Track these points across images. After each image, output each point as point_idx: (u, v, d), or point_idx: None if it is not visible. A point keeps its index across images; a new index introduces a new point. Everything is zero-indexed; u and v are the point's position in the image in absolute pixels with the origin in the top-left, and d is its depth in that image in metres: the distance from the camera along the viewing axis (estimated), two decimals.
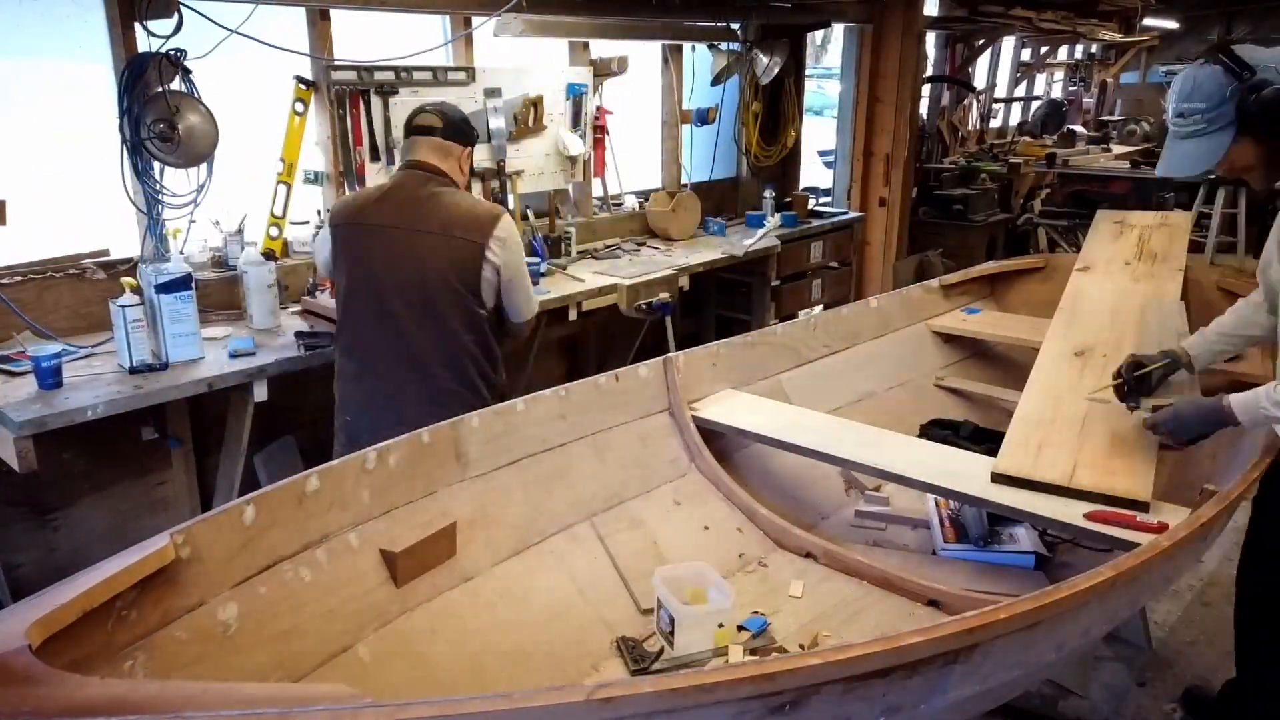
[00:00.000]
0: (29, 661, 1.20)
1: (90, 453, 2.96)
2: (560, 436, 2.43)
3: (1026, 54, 9.08)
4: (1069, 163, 7.71)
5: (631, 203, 4.81)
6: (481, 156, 3.83)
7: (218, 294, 3.16)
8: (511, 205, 3.92)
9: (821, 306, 5.25)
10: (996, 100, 8.84)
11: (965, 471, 2.31)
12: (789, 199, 5.31)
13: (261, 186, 3.31)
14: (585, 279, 3.79)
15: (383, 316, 2.44)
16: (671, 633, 1.99)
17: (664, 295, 3.89)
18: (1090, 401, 2.59)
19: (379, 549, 1.96)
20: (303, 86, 3.28)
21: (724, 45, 4.90)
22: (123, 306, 2.54)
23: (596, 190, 4.60)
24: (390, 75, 3.46)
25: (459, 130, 2.56)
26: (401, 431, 2.08)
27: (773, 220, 4.94)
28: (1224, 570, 3.25)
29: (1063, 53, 9.66)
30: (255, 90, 3.33)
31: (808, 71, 5.94)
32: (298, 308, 3.21)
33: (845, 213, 5.66)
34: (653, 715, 1.16)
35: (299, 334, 2.87)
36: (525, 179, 4.01)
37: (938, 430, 3.10)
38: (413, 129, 2.53)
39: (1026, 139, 8.65)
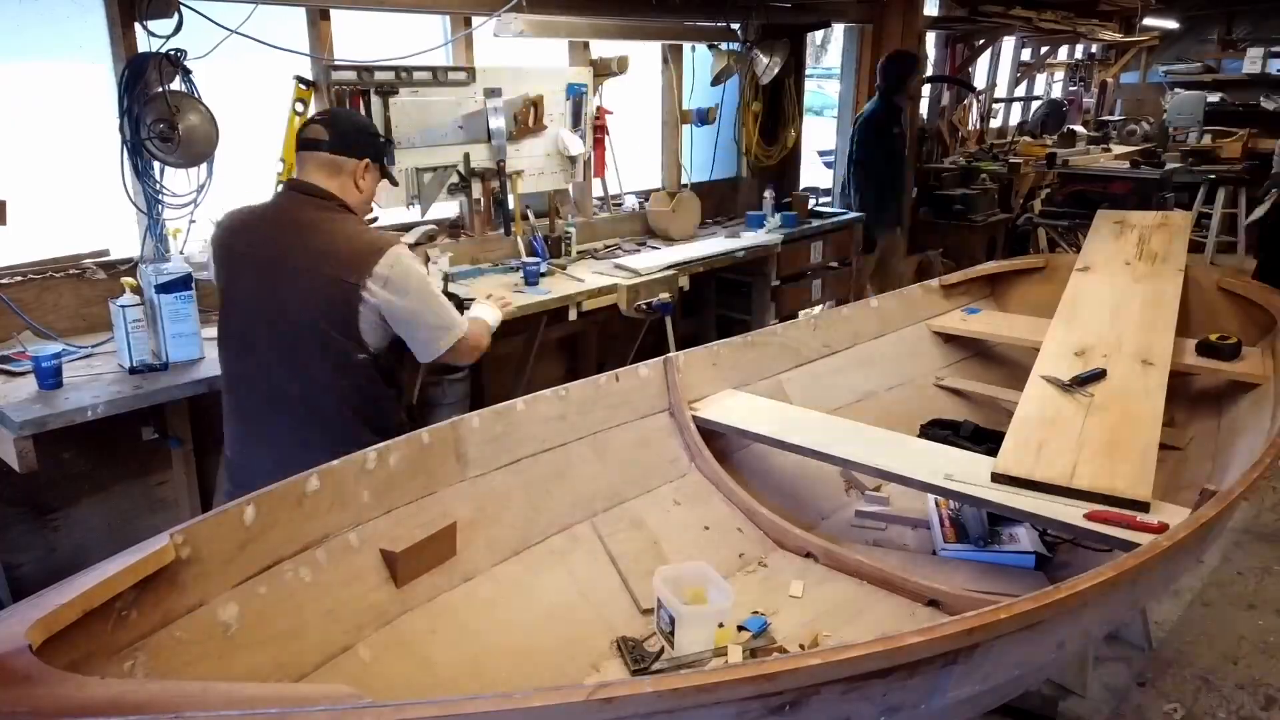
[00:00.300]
0: (29, 661, 1.20)
1: (90, 453, 2.96)
2: (560, 436, 2.43)
3: (1026, 54, 9.07)
4: (1069, 163, 7.71)
5: (631, 203, 4.81)
6: (482, 156, 3.83)
7: (218, 294, 3.15)
8: (511, 205, 3.93)
9: (822, 306, 5.25)
10: (996, 100, 8.84)
11: (965, 471, 2.31)
12: (789, 199, 5.30)
13: (262, 186, 3.31)
14: (585, 279, 3.79)
15: (244, 354, 2.24)
16: (672, 633, 1.99)
17: (664, 295, 3.88)
18: (1080, 399, 2.59)
19: (379, 549, 1.96)
20: (303, 86, 3.28)
21: (724, 45, 4.90)
22: (123, 306, 2.54)
23: (596, 190, 4.60)
24: (390, 75, 3.46)
25: (351, 141, 2.19)
26: (280, 476, 1.85)
27: (773, 220, 4.94)
28: (1224, 570, 3.26)
29: (1063, 53, 9.65)
30: (255, 90, 3.33)
31: (808, 71, 5.94)
32: None
33: (845, 213, 5.65)
34: (653, 715, 1.16)
35: None
36: (525, 179, 4.01)
37: (938, 430, 3.11)
38: (299, 143, 2.21)
39: (1026, 139, 8.65)
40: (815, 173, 7.08)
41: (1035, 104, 9.36)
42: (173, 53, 2.85)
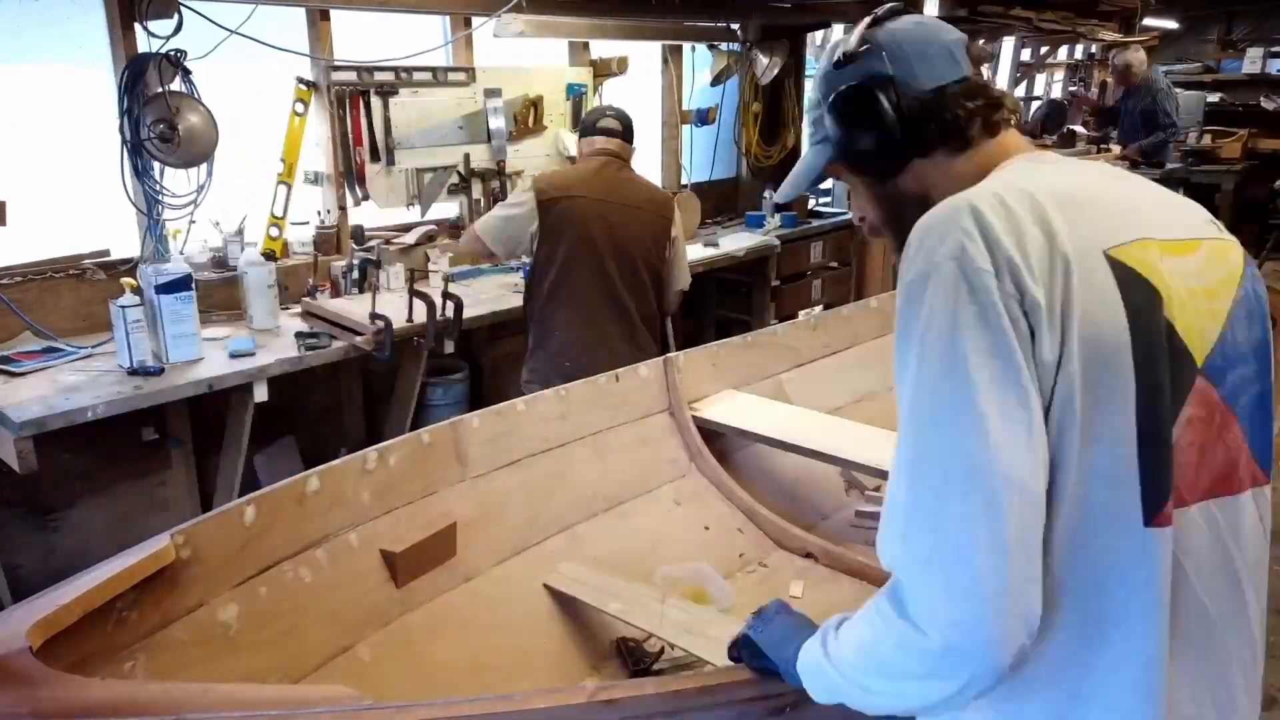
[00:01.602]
0: (30, 663, 1.20)
1: (90, 453, 2.96)
2: (560, 437, 2.43)
3: (1026, 54, 9.07)
4: None
5: None
6: (482, 157, 3.83)
7: (218, 294, 3.16)
8: None
9: (822, 307, 5.25)
10: None
11: None
12: None
13: (262, 187, 3.31)
14: None
15: (602, 275, 2.86)
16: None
17: None
18: None
19: (379, 549, 1.95)
20: (303, 87, 3.28)
21: (724, 45, 4.90)
22: (123, 307, 2.54)
23: None
24: (390, 76, 3.46)
25: (632, 134, 3.04)
26: (611, 366, 2.56)
27: (773, 221, 4.94)
28: None
29: (1063, 53, 9.66)
30: (255, 91, 3.33)
31: (808, 72, 5.94)
32: (298, 308, 3.21)
33: (846, 213, 5.65)
34: (653, 717, 1.16)
35: (299, 334, 2.87)
36: (525, 179, 4.01)
37: None
38: (599, 129, 2.95)
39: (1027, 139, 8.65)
40: None
41: (1035, 104, 9.36)
42: (173, 53, 2.85)
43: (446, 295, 3.04)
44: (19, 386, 2.46)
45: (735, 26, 4.89)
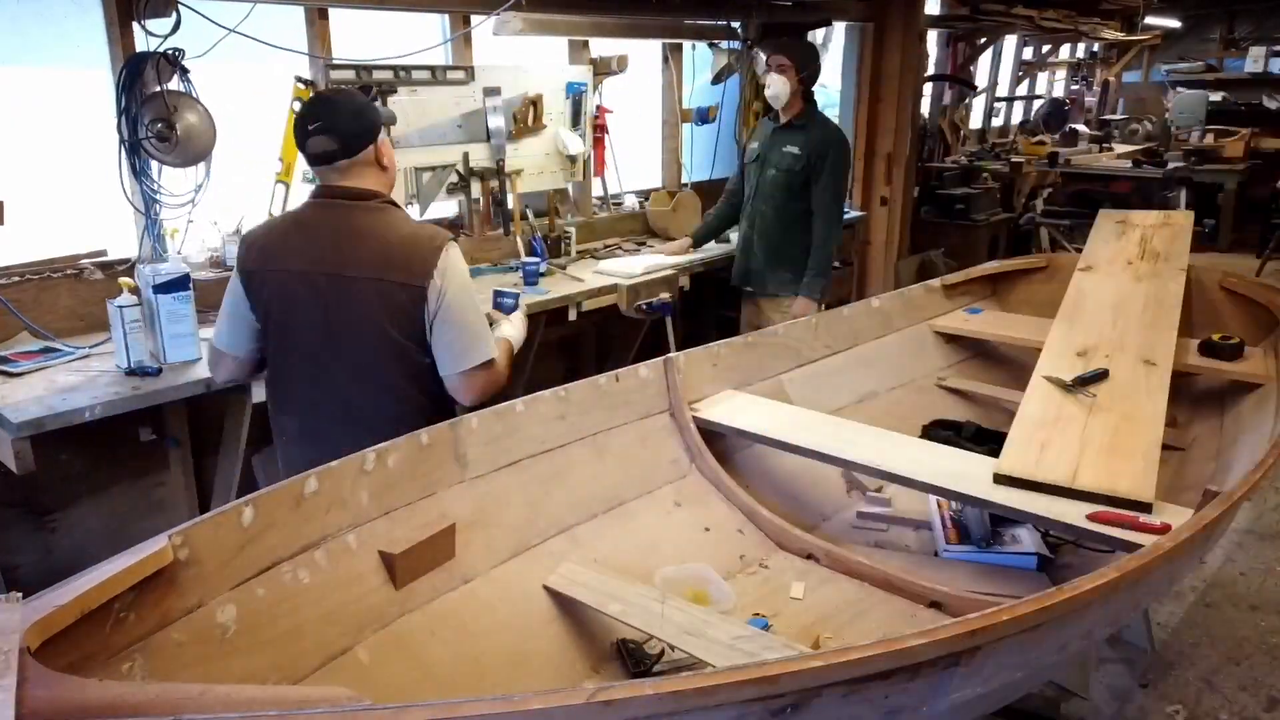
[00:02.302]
0: (27, 663, 1.19)
1: (88, 454, 2.95)
2: (560, 437, 2.42)
3: (1028, 53, 9.06)
4: (1071, 162, 7.70)
5: (631, 202, 4.80)
6: (481, 156, 3.82)
7: (216, 294, 3.13)
8: (510, 205, 3.92)
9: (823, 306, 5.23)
10: (998, 99, 8.83)
11: (967, 472, 2.30)
12: None
13: (260, 186, 3.30)
14: (585, 279, 3.78)
15: (316, 375, 2.09)
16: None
17: (664, 295, 3.87)
18: (1082, 400, 2.58)
19: (378, 550, 1.95)
20: (302, 86, 3.27)
21: (724, 44, 4.89)
22: (120, 307, 2.53)
23: (596, 190, 4.59)
24: (389, 74, 3.45)
25: (360, 131, 2.05)
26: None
27: None
28: (1227, 571, 3.25)
29: (1064, 51, 9.65)
30: (253, 90, 3.32)
31: None
32: None
33: (846, 212, 5.64)
34: (653, 718, 1.15)
35: None
36: (525, 178, 4.00)
37: (940, 431, 3.09)
38: (310, 158, 2.07)
39: (1028, 138, 8.64)
40: None
41: (1037, 103, 9.35)
42: (170, 52, 2.84)
43: None
44: (16, 387, 2.45)
45: (736, 24, 4.88)
